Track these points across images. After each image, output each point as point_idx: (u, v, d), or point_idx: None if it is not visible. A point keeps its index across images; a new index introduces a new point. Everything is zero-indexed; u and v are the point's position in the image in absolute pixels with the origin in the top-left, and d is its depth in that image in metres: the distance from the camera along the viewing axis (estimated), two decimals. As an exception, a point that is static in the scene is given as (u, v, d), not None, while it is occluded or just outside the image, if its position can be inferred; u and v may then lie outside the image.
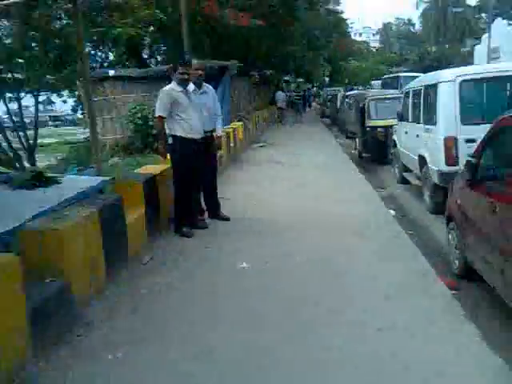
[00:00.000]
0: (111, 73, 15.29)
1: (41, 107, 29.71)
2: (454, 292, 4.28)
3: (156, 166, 6.38)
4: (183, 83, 5.62)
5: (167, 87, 5.62)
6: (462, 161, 6.27)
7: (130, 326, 3.53)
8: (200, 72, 6.14)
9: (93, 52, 24.90)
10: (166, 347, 3.26)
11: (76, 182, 5.01)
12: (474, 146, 5.99)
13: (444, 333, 3.41)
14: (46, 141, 32.38)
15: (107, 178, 5.26)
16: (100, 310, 3.71)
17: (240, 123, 14.02)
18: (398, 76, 23.98)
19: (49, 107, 40.51)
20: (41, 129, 40.12)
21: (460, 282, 4.73)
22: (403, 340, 3.31)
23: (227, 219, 6.33)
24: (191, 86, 5.90)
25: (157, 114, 5.64)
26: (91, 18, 16.65)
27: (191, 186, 5.73)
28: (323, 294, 4.06)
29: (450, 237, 5.14)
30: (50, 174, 5.17)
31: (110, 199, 4.51)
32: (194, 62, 6.19)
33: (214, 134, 6.35)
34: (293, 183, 8.89)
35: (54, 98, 24.91)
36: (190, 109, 5.65)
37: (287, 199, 7.62)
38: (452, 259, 5.06)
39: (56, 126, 46.51)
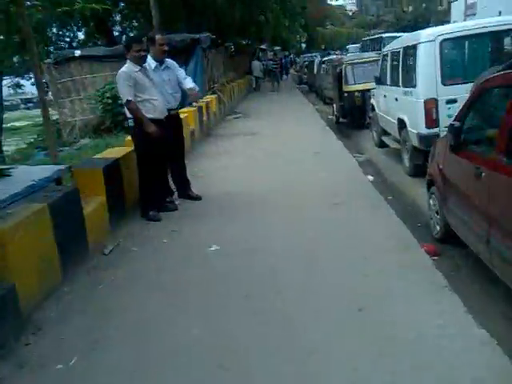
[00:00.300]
0: (77, 53, 14.71)
1: (10, 91, 28.87)
2: (434, 258, 4.13)
3: (121, 149, 6.00)
4: (140, 61, 5.17)
5: (123, 69, 5.15)
6: (443, 122, 6.29)
7: (85, 329, 3.20)
8: (166, 48, 5.69)
9: (60, 32, 23.98)
10: (123, 349, 2.95)
11: (28, 174, 4.57)
12: (455, 106, 5.90)
13: (428, 306, 3.18)
14: (18, 124, 31.53)
15: (63, 167, 4.85)
16: (53, 313, 3.37)
17: (213, 96, 13.55)
18: (380, 37, 22.89)
19: (20, 90, 39.01)
20: (13, 112, 39.23)
21: (440, 246, 4.53)
22: (385, 319, 3.05)
23: (198, 198, 5.98)
24: (151, 63, 5.48)
25: (125, 100, 5.15)
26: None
27: (157, 168, 5.35)
28: (298, 278, 3.75)
29: (431, 202, 4.93)
30: (-3, 167, 4.71)
31: (64, 191, 4.10)
32: (158, 36, 5.71)
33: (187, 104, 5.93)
34: (268, 154, 8.55)
35: (23, 81, 24.13)
36: (151, 88, 5.24)
37: (262, 172, 7.28)
38: (433, 224, 4.88)
39: (28, 109, 45.15)
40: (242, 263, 4.05)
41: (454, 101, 6.15)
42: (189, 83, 5.82)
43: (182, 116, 8.94)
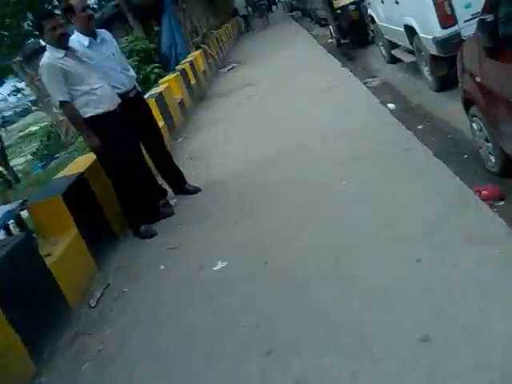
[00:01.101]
0: (43, 43, 13.49)
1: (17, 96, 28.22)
2: (498, 204, 3.13)
3: (88, 157, 4.93)
4: (61, 42, 3.93)
5: (45, 59, 3.91)
6: (462, 17, 5.16)
7: None
8: (90, 12, 4.42)
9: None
10: None
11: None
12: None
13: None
14: (34, 128, 30.49)
15: (15, 206, 3.93)
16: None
17: (198, 52, 12.25)
18: None
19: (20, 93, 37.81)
20: (25, 117, 38.37)
21: (503, 183, 3.45)
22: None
23: (197, 191, 4.98)
24: (83, 40, 4.29)
25: (58, 101, 4.01)
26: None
27: (132, 172, 4.26)
28: (332, 300, 2.78)
29: (475, 126, 3.82)
30: None
31: (6, 248, 3.09)
32: (74, 0, 4.29)
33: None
34: (269, 107, 7.46)
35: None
36: (89, 74, 4.03)
37: (267, 133, 6.15)
38: (484, 154, 3.78)
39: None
40: (256, 290, 3.01)
41: (469, -13, 4.98)
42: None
43: (163, 86, 7.85)
